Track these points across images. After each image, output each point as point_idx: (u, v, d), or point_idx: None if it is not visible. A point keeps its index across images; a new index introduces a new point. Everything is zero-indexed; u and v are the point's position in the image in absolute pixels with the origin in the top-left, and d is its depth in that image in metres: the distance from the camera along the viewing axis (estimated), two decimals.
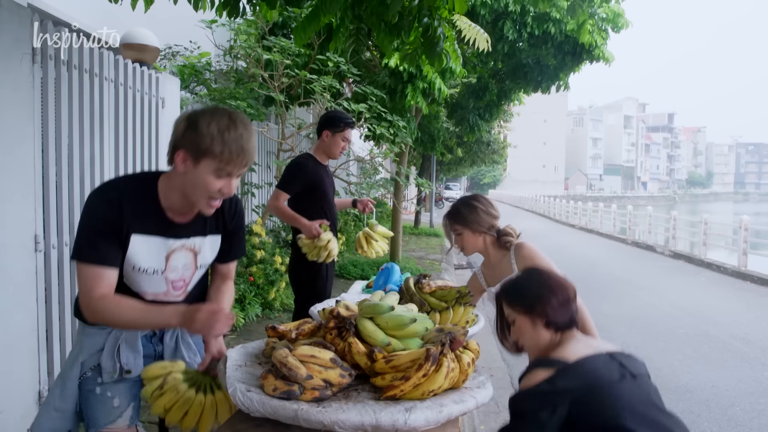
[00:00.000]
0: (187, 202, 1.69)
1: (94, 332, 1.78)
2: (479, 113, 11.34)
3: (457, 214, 2.47)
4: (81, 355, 1.77)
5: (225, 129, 1.56)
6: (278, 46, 5.92)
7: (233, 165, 1.59)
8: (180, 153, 1.61)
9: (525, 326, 1.66)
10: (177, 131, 1.63)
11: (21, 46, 2.82)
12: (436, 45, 2.91)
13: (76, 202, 3.32)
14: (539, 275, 1.74)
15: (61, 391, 1.74)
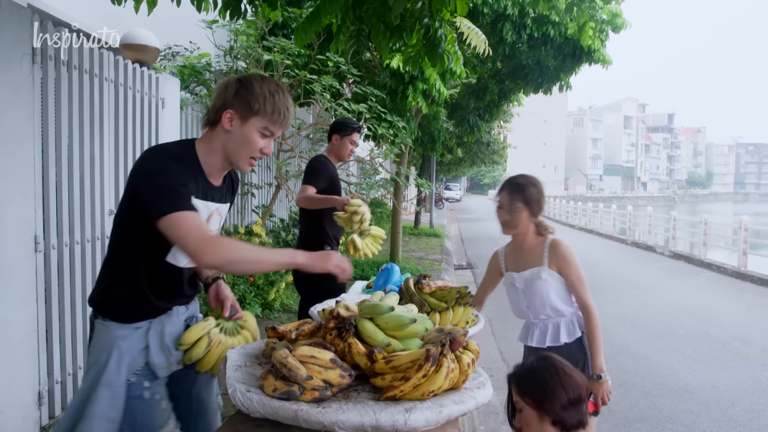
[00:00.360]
0: (224, 164, 1.77)
1: (128, 333, 1.74)
2: (479, 114, 11.34)
3: (525, 191, 2.44)
4: (123, 358, 1.71)
5: (275, 92, 1.69)
6: (278, 46, 5.93)
7: (278, 125, 1.72)
8: (228, 112, 1.69)
9: (532, 418, 1.63)
10: (226, 92, 1.70)
11: (21, 47, 2.82)
12: (438, 46, 2.91)
13: (75, 202, 3.32)
14: (554, 368, 1.66)
15: (111, 400, 1.68)
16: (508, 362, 5.27)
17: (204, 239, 1.54)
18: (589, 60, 8.68)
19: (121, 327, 1.74)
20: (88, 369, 1.75)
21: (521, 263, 2.52)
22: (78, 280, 3.35)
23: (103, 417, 1.67)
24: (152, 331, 1.78)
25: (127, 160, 3.91)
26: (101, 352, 1.72)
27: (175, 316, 1.87)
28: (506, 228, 2.50)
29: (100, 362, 1.71)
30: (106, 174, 3.64)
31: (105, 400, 1.67)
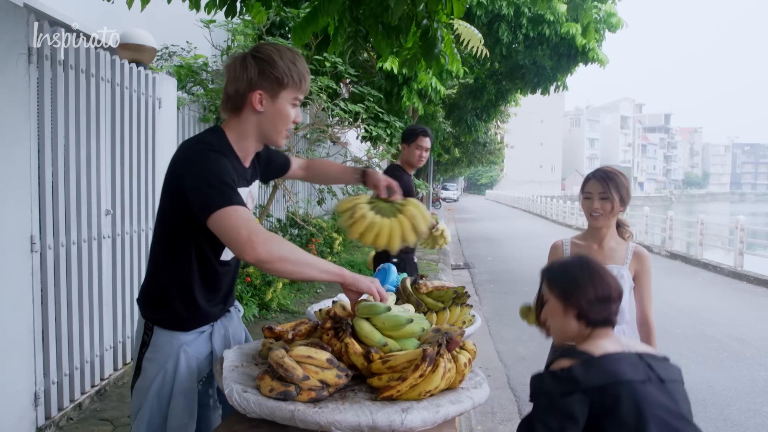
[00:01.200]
0: (257, 146, 1.75)
1: (193, 338, 1.70)
2: (477, 114, 11.37)
3: (617, 180, 2.36)
4: (192, 363, 1.68)
5: (295, 60, 1.66)
6: None
7: (303, 92, 1.70)
8: (256, 94, 1.63)
9: (556, 311, 1.63)
10: (248, 75, 1.63)
11: (17, 46, 2.82)
12: (435, 47, 2.91)
13: (72, 202, 3.31)
14: (588, 266, 1.64)
15: (188, 408, 1.67)
16: (505, 362, 5.27)
17: (256, 232, 1.46)
18: (584, 60, 8.71)
19: (185, 333, 1.70)
20: (146, 377, 1.69)
21: (600, 258, 2.36)
22: (74, 280, 3.34)
23: (185, 426, 1.66)
24: (216, 336, 1.76)
25: (123, 160, 3.90)
26: (167, 359, 1.67)
27: (235, 317, 1.88)
28: (597, 218, 2.39)
29: (169, 370, 1.66)
30: (102, 174, 3.63)
31: (184, 408, 1.66)
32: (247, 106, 1.65)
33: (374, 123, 6.82)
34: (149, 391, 1.67)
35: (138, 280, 4.15)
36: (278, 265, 1.47)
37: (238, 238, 1.45)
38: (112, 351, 3.83)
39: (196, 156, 1.59)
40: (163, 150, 4.50)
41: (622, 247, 2.43)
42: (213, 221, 1.48)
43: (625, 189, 2.37)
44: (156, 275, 1.73)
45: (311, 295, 6.80)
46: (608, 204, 2.35)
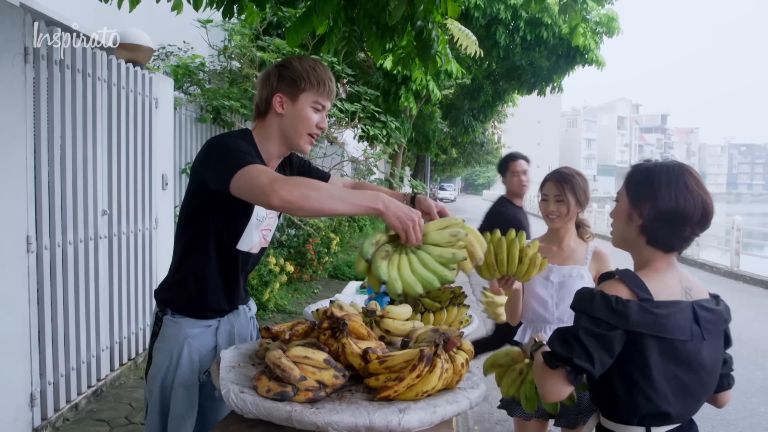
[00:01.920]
0: (281, 150, 1.79)
1: (199, 331, 1.77)
2: (474, 114, 11.38)
3: (573, 182, 2.33)
4: (194, 356, 1.74)
5: (314, 65, 1.74)
6: (272, 45, 5.92)
7: (326, 96, 1.75)
8: (277, 97, 1.72)
9: (622, 213, 1.48)
10: (270, 81, 1.73)
11: (13, 46, 2.81)
12: (430, 48, 2.91)
13: (68, 202, 3.31)
14: (679, 173, 1.41)
15: (187, 399, 1.72)
16: None
17: (275, 176, 1.45)
18: (582, 61, 8.72)
19: (192, 324, 1.76)
20: (156, 367, 1.75)
21: (560, 258, 2.38)
22: (71, 280, 3.33)
23: (183, 417, 1.72)
24: (221, 330, 1.82)
25: (120, 159, 3.89)
26: (172, 350, 1.74)
27: (242, 315, 1.92)
28: (552, 220, 2.37)
29: (173, 361, 1.73)
30: (99, 174, 3.63)
31: (183, 401, 1.72)
32: (270, 110, 1.74)
33: (371, 123, 6.81)
34: (157, 379, 1.74)
35: (135, 281, 4.14)
36: (303, 203, 1.42)
37: (261, 185, 1.44)
38: (109, 352, 3.82)
39: (216, 141, 1.67)
40: (159, 150, 4.49)
41: (582, 247, 2.41)
42: (235, 182, 1.48)
43: (582, 191, 2.35)
44: (176, 263, 1.83)
45: (308, 295, 6.80)
46: (563, 207, 2.33)
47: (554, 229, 2.40)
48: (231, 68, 7.05)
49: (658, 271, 1.43)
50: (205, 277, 1.77)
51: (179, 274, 1.81)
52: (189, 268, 1.79)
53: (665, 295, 1.39)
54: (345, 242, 10.40)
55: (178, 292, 1.79)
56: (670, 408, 1.39)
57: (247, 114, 6.20)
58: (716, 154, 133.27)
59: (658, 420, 1.42)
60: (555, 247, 2.42)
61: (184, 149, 5.70)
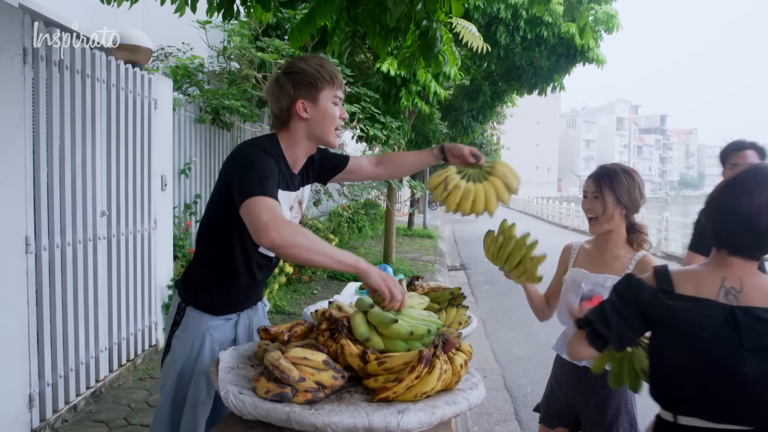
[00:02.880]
0: (308, 150, 1.87)
1: (220, 323, 1.84)
2: (473, 115, 11.37)
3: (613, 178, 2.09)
4: (215, 347, 1.81)
5: (321, 62, 1.81)
6: (272, 46, 5.92)
7: (340, 88, 1.84)
8: (299, 104, 1.78)
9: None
10: (286, 89, 1.78)
11: (12, 47, 2.81)
12: (434, 47, 2.91)
13: (67, 203, 3.30)
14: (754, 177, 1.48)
15: (207, 387, 1.79)
16: (501, 363, 5.28)
17: (275, 218, 1.53)
18: (583, 59, 8.71)
19: (214, 318, 1.83)
20: (176, 356, 1.81)
21: (598, 265, 2.14)
22: (69, 281, 3.33)
23: (202, 404, 1.79)
24: (241, 324, 1.89)
25: (119, 160, 3.89)
26: (194, 340, 1.81)
27: (260, 310, 2.00)
28: (591, 223, 2.14)
29: (194, 350, 1.80)
30: (98, 175, 3.63)
31: (203, 388, 1.78)
32: (294, 118, 1.80)
33: (370, 123, 6.81)
34: (175, 367, 1.81)
35: (134, 281, 4.14)
36: (292, 250, 1.52)
37: (258, 223, 1.52)
38: (108, 353, 3.82)
39: (244, 153, 1.72)
40: (158, 151, 4.49)
41: (629, 255, 2.10)
42: (244, 207, 1.57)
43: (624, 188, 2.08)
44: (200, 261, 1.88)
45: (307, 296, 6.80)
46: (599, 205, 2.09)
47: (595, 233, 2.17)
48: (230, 69, 7.05)
49: (694, 269, 1.51)
50: (228, 278, 1.83)
51: (203, 274, 1.86)
52: (213, 269, 1.84)
53: (691, 290, 1.45)
54: (344, 243, 10.39)
55: (201, 291, 1.84)
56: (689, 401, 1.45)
57: (246, 114, 6.20)
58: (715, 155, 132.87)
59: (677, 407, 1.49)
60: (595, 252, 2.18)
61: (183, 150, 5.70)
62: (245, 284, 1.86)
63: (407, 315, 1.64)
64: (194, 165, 5.89)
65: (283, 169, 1.80)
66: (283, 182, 1.78)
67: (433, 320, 1.67)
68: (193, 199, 5.90)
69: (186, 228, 5.47)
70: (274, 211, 1.55)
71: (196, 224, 5.96)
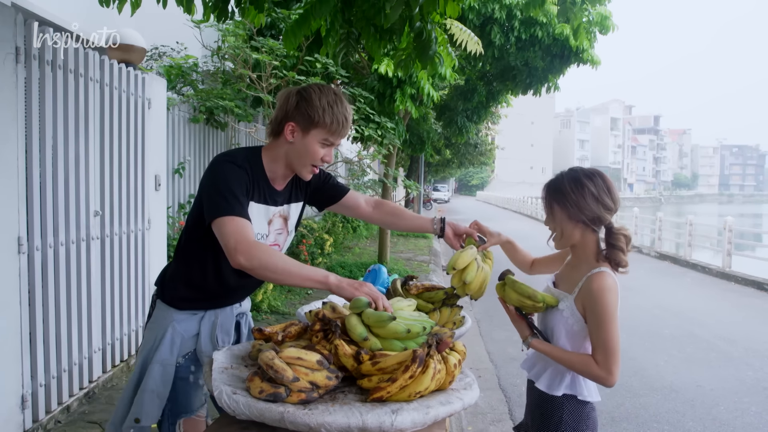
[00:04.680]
0: (286, 171, 1.87)
1: (185, 317, 1.87)
2: (467, 115, 11.39)
3: (557, 188, 1.87)
4: (176, 339, 1.84)
5: (333, 102, 1.76)
6: (266, 46, 5.91)
7: (337, 135, 1.79)
8: (290, 125, 1.78)
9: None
10: (287, 105, 1.78)
11: (4, 46, 2.79)
12: (429, 48, 2.91)
13: (60, 203, 3.29)
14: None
15: (162, 376, 1.81)
16: (495, 363, 5.29)
17: (243, 241, 1.59)
18: (577, 60, 8.74)
19: (178, 312, 1.87)
20: (144, 345, 1.88)
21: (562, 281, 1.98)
22: (62, 281, 3.32)
23: (154, 392, 1.80)
24: (206, 320, 1.90)
25: (112, 160, 3.87)
26: (158, 330, 1.86)
27: (229, 310, 1.98)
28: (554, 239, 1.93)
29: (156, 340, 1.84)
30: (91, 174, 3.61)
31: (157, 376, 1.81)
32: (282, 135, 1.80)
33: (365, 124, 6.81)
34: (142, 354, 1.87)
35: (127, 282, 4.12)
36: (260, 272, 1.60)
37: (227, 246, 1.60)
38: (101, 353, 3.80)
39: (217, 166, 1.74)
40: (152, 150, 4.47)
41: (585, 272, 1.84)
42: (214, 226, 1.65)
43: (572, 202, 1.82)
44: (175, 263, 1.93)
45: (302, 297, 6.79)
46: (551, 223, 1.92)
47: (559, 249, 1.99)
48: (224, 69, 7.04)
49: None
50: (197, 278, 1.87)
51: (175, 270, 1.91)
52: (185, 271, 1.89)
53: None
54: (339, 243, 10.39)
55: (170, 286, 1.90)
56: None
57: (241, 114, 6.19)
58: (708, 155, 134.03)
59: None
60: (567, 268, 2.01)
61: (177, 150, 5.68)
62: (213, 286, 1.88)
63: (400, 315, 1.64)
64: (188, 165, 5.88)
65: (261, 183, 1.81)
66: (259, 196, 1.80)
67: (425, 319, 1.69)
68: (187, 199, 5.88)
69: (180, 228, 5.46)
70: (242, 233, 1.60)
71: None
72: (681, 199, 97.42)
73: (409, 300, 1.97)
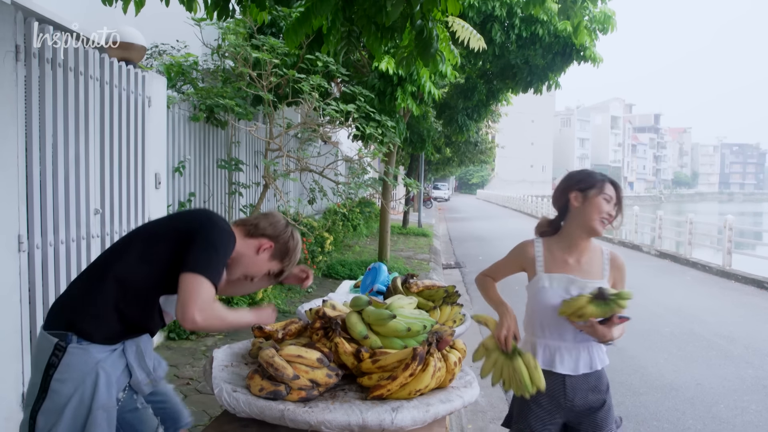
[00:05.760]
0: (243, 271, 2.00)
1: (107, 355, 1.74)
2: (468, 113, 11.37)
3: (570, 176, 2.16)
4: (111, 379, 1.73)
5: (295, 253, 1.98)
6: (267, 45, 5.90)
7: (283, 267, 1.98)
8: (267, 243, 1.93)
9: None
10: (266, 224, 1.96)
11: (4, 44, 2.79)
12: (430, 46, 2.90)
13: (60, 201, 3.29)
14: None
15: (108, 422, 1.71)
16: None
17: (211, 305, 1.64)
18: (579, 58, 8.71)
19: (100, 350, 1.72)
20: (64, 395, 1.68)
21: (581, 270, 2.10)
22: (62, 280, 3.31)
23: None
24: (128, 351, 1.81)
25: (112, 158, 3.87)
26: (83, 378, 1.69)
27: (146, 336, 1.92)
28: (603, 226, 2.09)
29: (87, 387, 1.68)
30: (91, 173, 3.61)
31: (103, 423, 1.68)
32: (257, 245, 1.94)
33: (366, 122, 6.80)
34: (64, 411, 1.67)
35: None
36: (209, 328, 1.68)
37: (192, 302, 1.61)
38: None
39: (223, 226, 1.82)
40: (152, 149, 4.47)
41: (598, 255, 2.14)
42: (189, 278, 1.65)
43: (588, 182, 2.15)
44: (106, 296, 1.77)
45: (302, 295, 6.79)
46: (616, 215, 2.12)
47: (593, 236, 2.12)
48: (225, 67, 7.03)
49: None
50: (138, 318, 1.80)
51: (107, 308, 1.76)
52: (123, 306, 1.77)
53: None
54: (339, 242, 10.39)
55: (100, 325, 1.74)
56: None
57: (241, 113, 6.18)
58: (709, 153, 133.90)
59: None
60: (569, 255, 2.13)
61: (177, 148, 5.67)
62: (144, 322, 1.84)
63: (400, 313, 1.64)
64: (188, 163, 5.87)
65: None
66: None
67: (426, 318, 1.69)
68: (187, 197, 5.88)
69: None
70: (209, 296, 1.65)
71: None
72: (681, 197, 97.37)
73: (409, 298, 1.98)
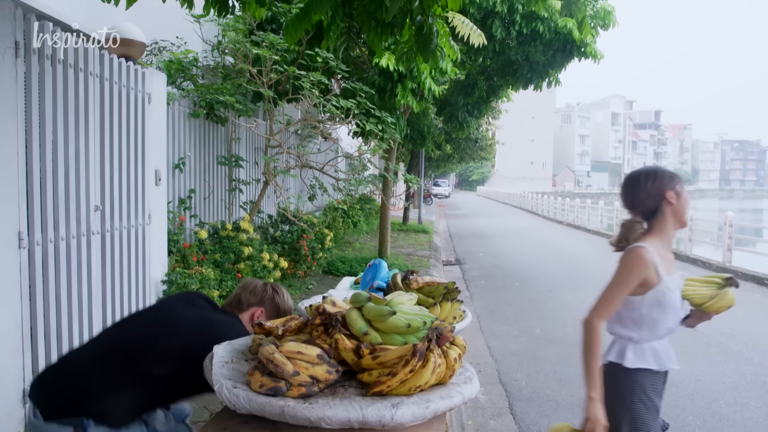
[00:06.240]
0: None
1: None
2: (468, 110, 11.36)
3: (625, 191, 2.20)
4: None
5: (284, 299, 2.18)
6: (267, 41, 5.89)
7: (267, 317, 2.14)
8: (258, 311, 2.12)
9: None
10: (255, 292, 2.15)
11: (4, 40, 2.79)
12: (431, 42, 2.90)
13: (60, 198, 3.29)
14: None
15: None
16: (495, 357, 5.30)
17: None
18: (579, 54, 8.70)
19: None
20: None
21: (669, 263, 2.15)
22: (63, 276, 3.32)
23: None
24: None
25: (112, 155, 3.87)
26: None
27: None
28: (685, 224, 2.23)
29: None
30: (91, 169, 3.61)
31: None
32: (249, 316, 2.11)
33: (366, 119, 6.80)
34: None
35: (128, 276, 4.12)
36: None
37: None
38: None
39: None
40: (152, 145, 4.47)
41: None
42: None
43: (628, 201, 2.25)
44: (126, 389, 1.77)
45: (302, 291, 6.80)
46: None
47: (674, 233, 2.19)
48: (225, 63, 7.02)
49: None
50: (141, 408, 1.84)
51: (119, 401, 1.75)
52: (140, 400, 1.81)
53: None
54: (339, 238, 10.39)
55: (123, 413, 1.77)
56: None
57: (241, 109, 6.18)
58: (709, 150, 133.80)
59: None
60: (666, 252, 2.17)
61: (178, 145, 5.67)
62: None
63: (400, 310, 1.64)
64: (188, 160, 5.87)
65: None
66: None
67: (426, 314, 1.68)
68: (187, 194, 5.88)
69: (180, 223, 5.46)
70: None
71: (190, 219, 5.95)
72: None
73: (409, 294, 1.98)
